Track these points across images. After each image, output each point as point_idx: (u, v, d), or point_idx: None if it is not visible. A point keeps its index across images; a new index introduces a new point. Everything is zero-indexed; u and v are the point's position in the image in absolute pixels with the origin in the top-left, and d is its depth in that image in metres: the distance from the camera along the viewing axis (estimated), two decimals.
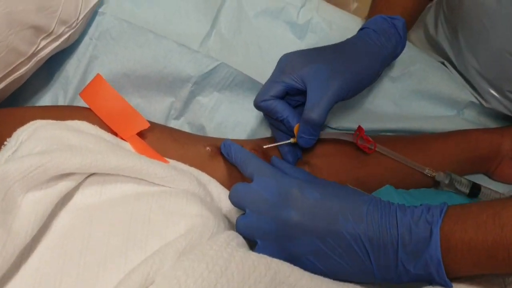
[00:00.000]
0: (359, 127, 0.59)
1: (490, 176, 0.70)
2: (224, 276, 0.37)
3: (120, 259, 0.38)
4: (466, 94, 0.70)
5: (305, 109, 0.51)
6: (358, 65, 0.54)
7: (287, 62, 0.54)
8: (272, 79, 0.54)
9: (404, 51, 0.70)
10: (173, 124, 0.66)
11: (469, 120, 0.71)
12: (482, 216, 0.42)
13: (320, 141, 0.57)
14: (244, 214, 0.47)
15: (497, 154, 0.66)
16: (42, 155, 0.40)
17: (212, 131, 0.65)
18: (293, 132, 0.54)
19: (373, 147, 0.58)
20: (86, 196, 0.43)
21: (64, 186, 0.41)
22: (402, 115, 0.70)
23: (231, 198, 0.48)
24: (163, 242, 0.40)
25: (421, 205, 0.45)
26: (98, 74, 0.55)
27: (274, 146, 0.56)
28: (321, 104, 0.50)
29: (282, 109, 0.53)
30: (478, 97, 0.70)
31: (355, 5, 1.58)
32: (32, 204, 0.38)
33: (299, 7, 0.68)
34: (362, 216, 0.43)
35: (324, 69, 0.52)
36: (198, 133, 0.66)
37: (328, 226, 0.43)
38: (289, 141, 0.55)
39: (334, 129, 0.68)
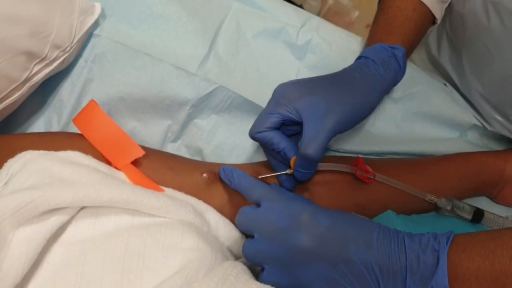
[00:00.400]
0: (358, 157, 0.58)
1: (493, 199, 0.69)
2: None
3: None
4: (469, 117, 0.69)
5: (301, 144, 0.50)
6: (356, 97, 0.52)
7: (283, 93, 0.52)
8: (267, 110, 0.53)
9: (406, 72, 0.69)
10: (170, 147, 0.64)
11: (472, 142, 0.70)
12: (490, 244, 0.42)
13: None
14: (251, 238, 0.46)
15: (500, 179, 0.65)
16: (32, 191, 0.38)
17: (209, 154, 0.64)
18: (289, 162, 0.53)
19: (372, 177, 0.57)
20: (79, 229, 0.42)
21: (56, 220, 0.40)
22: (404, 137, 0.68)
23: (238, 221, 0.48)
24: (158, 278, 0.39)
25: (427, 233, 0.45)
26: (92, 100, 0.53)
27: (271, 176, 0.55)
28: (318, 140, 0.49)
29: (279, 141, 0.52)
30: (482, 120, 0.69)
31: (356, 13, 1.58)
32: (23, 242, 0.37)
33: (298, 28, 0.67)
34: (372, 243, 0.43)
35: (321, 103, 0.50)
36: (196, 156, 0.65)
37: (340, 252, 0.43)
38: (285, 172, 0.54)
39: (334, 151, 0.67)
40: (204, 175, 0.55)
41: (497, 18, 0.57)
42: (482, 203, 0.68)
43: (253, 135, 0.53)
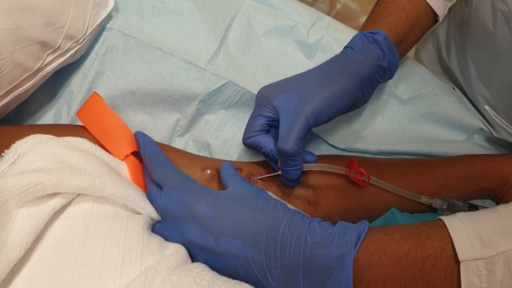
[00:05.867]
0: (351, 159, 0.57)
1: (497, 202, 0.69)
2: None
3: (116, 271, 0.37)
4: (476, 120, 0.69)
5: (278, 141, 0.50)
6: (330, 86, 0.52)
7: (261, 94, 0.54)
8: (252, 115, 0.55)
9: (416, 74, 0.70)
10: (178, 141, 0.65)
11: (479, 144, 0.70)
12: (405, 246, 0.40)
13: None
14: (159, 223, 0.48)
15: (505, 183, 0.64)
16: (42, 173, 0.39)
17: (217, 149, 0.65)
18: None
19: (367, 180, 0.57)
20: (78, 208, 0.42)
21: (57, 202, 0.40)
22: (412, 138, 0.68)
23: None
24: (156, 258, 0.40)
25: (338, 223, 0.43)
26: (94, 92, 0.54)
27: (263, 177, 0.56)
28: (291, 134, 0.49)
29: (266, 144, 0.53)
30: (488, 126, 0.69)
31: (364, 18, 1.58)
32: (26, 219, 0.37)
33: (309, 26, 0.68)
34: (261, 242, 0.43)
35: (293, 97, 0.51)
36: (203, 151, 0.65)
37: (215, 246, 0.43)
38: (277, 173, 0.55)
39: (343, 150, 0.67)
40: (208, 171, 0.55)
41: (506, 26, 0.57)
42: (487, 206, 0.68)
43: (244, 142, 0.55)
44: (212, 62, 0.63)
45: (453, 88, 0.72)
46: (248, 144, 0.55)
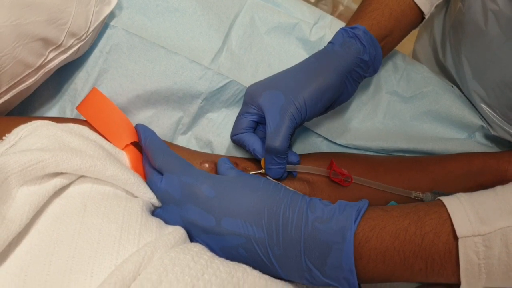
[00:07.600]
0: (331, 161, 0.57)
1: None
2: (211, 268, 0.39)
3: (114, 246, 0.38)
4: (477, 119, 0.69)
5: (266, 139, 0.51)
6: (311, 82, 0.53)
7: (248, 93, 0.56)
8: (239, 113, 0.56)
9: (418, 73, 0.70)
10: (180, 138, 0.65)
11: (480, 142, 0.70)
12: (404, 222, 0.41)
13: None
14: (160, 208, 0.48)
15: (503, 180, 0.64)
16: (43, 152, 0.39)
17: (219, 146, 0.65)
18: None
19: (349, 180, 0.57)
20: (78, 188, 0.43)
21: (58, 181, 0.41)
22: (413, 135, 0.69)
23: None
24: (154, 237, 0.41)
25: (338, 202, 0.44)
26: (94, 88, 0.55)
27: (255, 173, 0.56)
28: (280, 132, 0.50)
29: (249, 143, 0.55)
30: (485, 125, 0.69)
31: None
32: (26, 196, 0.38)
33: (312, 24, 0.68)
34: (258, 219, 0.43)
35: (278, 95, 0.52)
36: (205, 148, 0.65)
37: (216, 227, 0.44)
38: (259, 171, 0.55)
39: (344, 146, 0.67)
40: (206, 165, 0.56)
41: (496, 25, 0.57)
42: None
43: (231, 139, 0.57)
44: (215, 61, 0.63)
45: (451, 86, 0.72)
46: (235, 141, 0.57)
